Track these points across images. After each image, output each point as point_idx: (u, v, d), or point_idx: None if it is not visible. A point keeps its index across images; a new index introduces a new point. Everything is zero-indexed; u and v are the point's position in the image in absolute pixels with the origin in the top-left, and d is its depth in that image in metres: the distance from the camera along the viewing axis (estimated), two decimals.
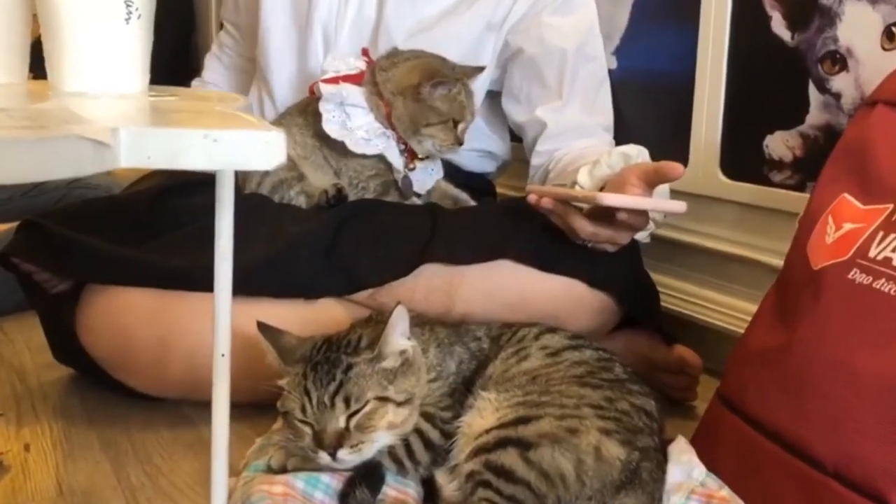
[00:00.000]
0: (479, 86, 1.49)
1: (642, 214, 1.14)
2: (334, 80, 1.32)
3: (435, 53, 1.37)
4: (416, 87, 1.30)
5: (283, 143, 0.61)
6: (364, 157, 1.33)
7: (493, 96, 1.55)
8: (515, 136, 1.59)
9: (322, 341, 0.97)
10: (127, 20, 0.82)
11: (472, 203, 1.42)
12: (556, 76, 1.47)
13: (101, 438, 1.13)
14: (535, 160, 1.48)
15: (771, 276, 1.03)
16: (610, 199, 1.07)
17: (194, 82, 1.67)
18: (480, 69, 1.40)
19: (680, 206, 1.09)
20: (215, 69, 1.67)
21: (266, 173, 1.33)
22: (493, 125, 1.59)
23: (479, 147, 1.57)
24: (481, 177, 1.62)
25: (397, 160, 1.35)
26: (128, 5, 0.82)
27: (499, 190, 1.70)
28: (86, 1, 0.80)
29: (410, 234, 1.23)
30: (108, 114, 0.69)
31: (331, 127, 1.31)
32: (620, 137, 1.49)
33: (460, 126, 1.34)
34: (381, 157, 1.34)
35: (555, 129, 1.45)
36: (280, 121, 1.42)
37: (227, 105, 0.82)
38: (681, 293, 1.47)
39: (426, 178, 1.42)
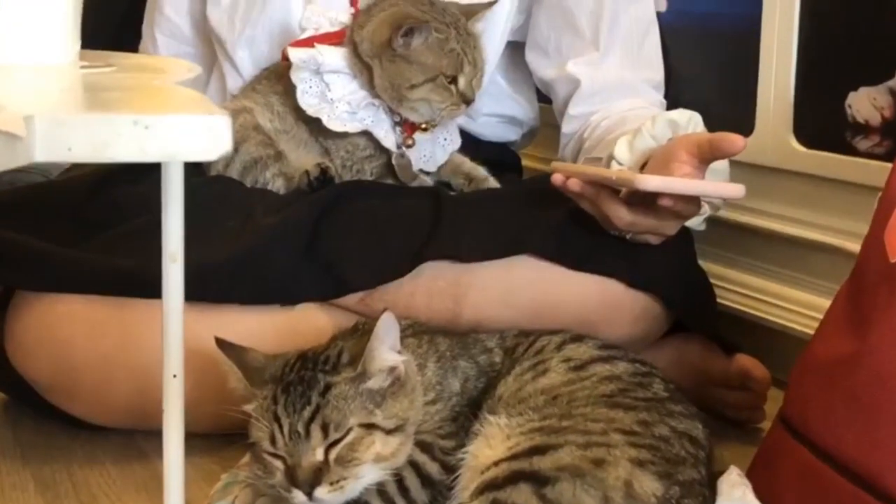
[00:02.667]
0: (498, 34, 1.52)
1: (692, 200, 1.16)
2: (307, 43, 1.35)
3: None
4: (388, 42, 1.32)
5: (228, 129, 0.65)
6: (352, 134, 1.36)
7: (516, 48, 1.57)
8: (544, 97, 1.61)
9: (296, 358, 1.01)
10: None
11: (491, 181, 1.44)
12: (592, 21, 1.48)
13: (38, 476, 1.18)
14: (567, 126, 1.50)
15: None
16: (650, 182, 1.09)
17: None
18: (487, 5, 1.42)
19: (736, 190, 1.11)
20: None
21: (235, 151, 1.37)
22: (516, 84, 1.61)
23: (500, 111, 1.59)
24: (503, 147, 1.64)
25: (387, 136, 1.37)
26: None
27: (525, 163, 1.73)
28: None
29: (409, 225, 1.26)
30: (25, 95, 0.73)
31: (308, 101, 1.34)
32: (669, 98, 1.51)
33: (461, 80, 1.35)
34: (370, 134, 1.37)
35: (590, 87, 1.47)
36: (255, 86, 1.46)
37: (173, 77, 0.85)
38: (743, 288, 1.49)
39: (437, 152, 1.44)
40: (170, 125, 0.64)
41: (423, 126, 1.40)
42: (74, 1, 0.89)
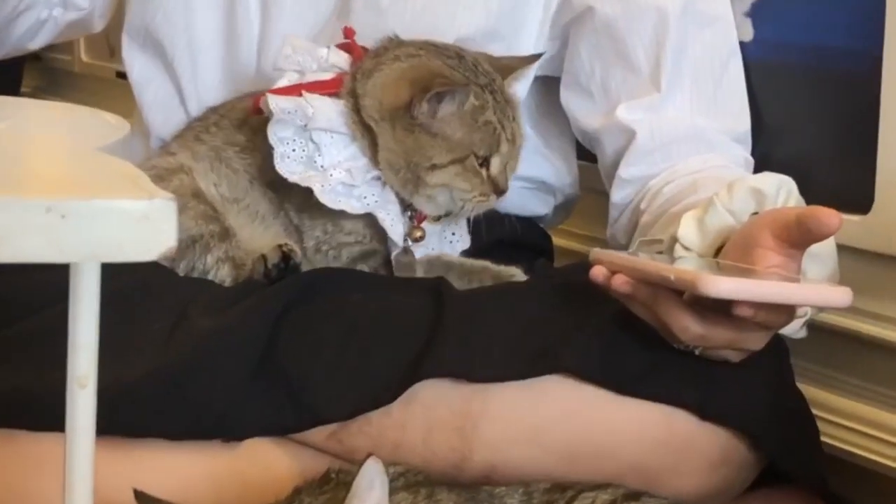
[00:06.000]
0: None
1: (781, 307, 1.14)
2: (294, 90, 1.37)
3: (447, 45, 1.41)
4: (408, 106, 1.35)
5: (173, 219, 0.67)
6: (344, 213, 1.38)
7: (549, 86, 1.61)
8: (585, 152, 1.64)
9: None
10: None
11: (514, 273, 1.45)
12: (651, 50, 1.52)
13: None
14: (619, 193, 1.53)
15: None
16: (720, 286, 1.06)
17: None
18: (533, 59, 1.45)
19: (840, 296, 1.09)
20: None
21: None
22: (546, 135, 1.65)
23: (524, 173, 1.59)
24: (528, 223, 1.67)
25: (395, 226, 1.39)
26: None
27: (558, 241, 1.75)
28: None
29: (400, 331, 1.27)
30: None
31: (290, 167, 1.36)
32: (755, 157, 1.52)
33: (494, 163, 1.38)
34: (370, 218, 1.39)
35: (650, 139, 1.50)
36: (199, 134, 1.49)
37: (93, 138, 0.87)
38: (857, 422, 1.50)
39: (444, 250, 1.47)
40: (95, 214, 0.64)
41: (436, 217, 1.43)
42: None
